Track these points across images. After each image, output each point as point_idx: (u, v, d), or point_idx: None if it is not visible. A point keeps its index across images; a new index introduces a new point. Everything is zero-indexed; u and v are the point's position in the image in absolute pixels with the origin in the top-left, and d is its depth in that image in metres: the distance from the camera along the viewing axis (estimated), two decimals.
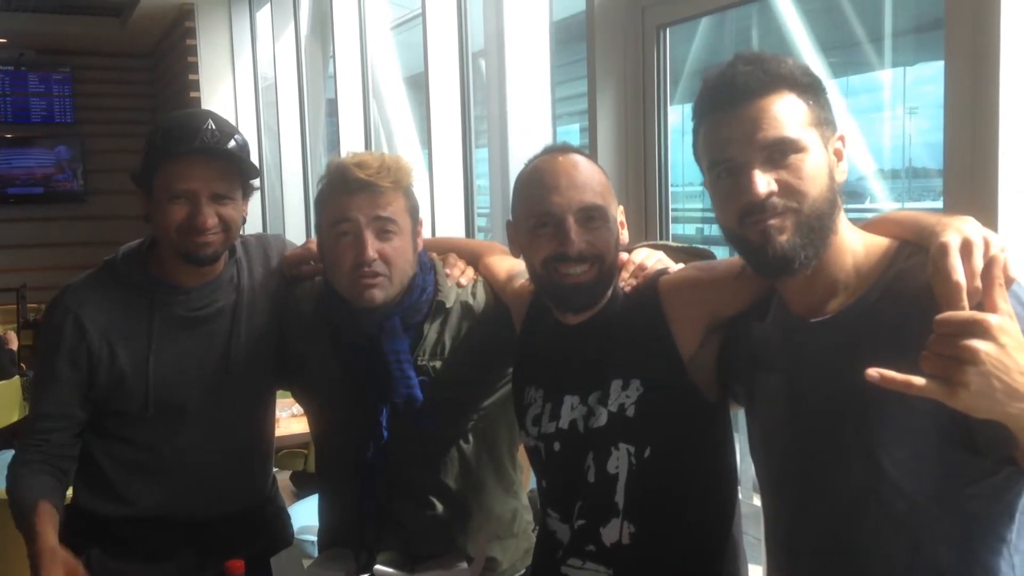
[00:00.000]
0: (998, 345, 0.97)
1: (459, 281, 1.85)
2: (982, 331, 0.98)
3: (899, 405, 1.16)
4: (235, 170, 1.83)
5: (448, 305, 1.81)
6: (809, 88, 1.28)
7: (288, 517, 2.17)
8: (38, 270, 7.12)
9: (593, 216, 1.54)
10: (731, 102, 1.26)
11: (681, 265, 1.62)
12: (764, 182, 1.24)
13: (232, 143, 1.81)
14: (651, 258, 1.63)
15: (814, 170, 1.25)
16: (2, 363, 5.32)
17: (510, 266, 1.85)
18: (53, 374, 1.81)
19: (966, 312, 1.02)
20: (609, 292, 1.59)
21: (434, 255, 1.89)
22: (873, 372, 1.01)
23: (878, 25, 3.25)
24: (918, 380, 1.00)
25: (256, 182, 1.92)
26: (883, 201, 3.80)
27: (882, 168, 3.85)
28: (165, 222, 1.79)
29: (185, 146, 1.77)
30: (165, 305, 1.87)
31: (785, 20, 3.25)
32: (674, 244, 1.74)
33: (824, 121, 1.28)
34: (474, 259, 1.93)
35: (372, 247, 1.68)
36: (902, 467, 1.22)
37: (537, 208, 1.55)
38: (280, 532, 2.11)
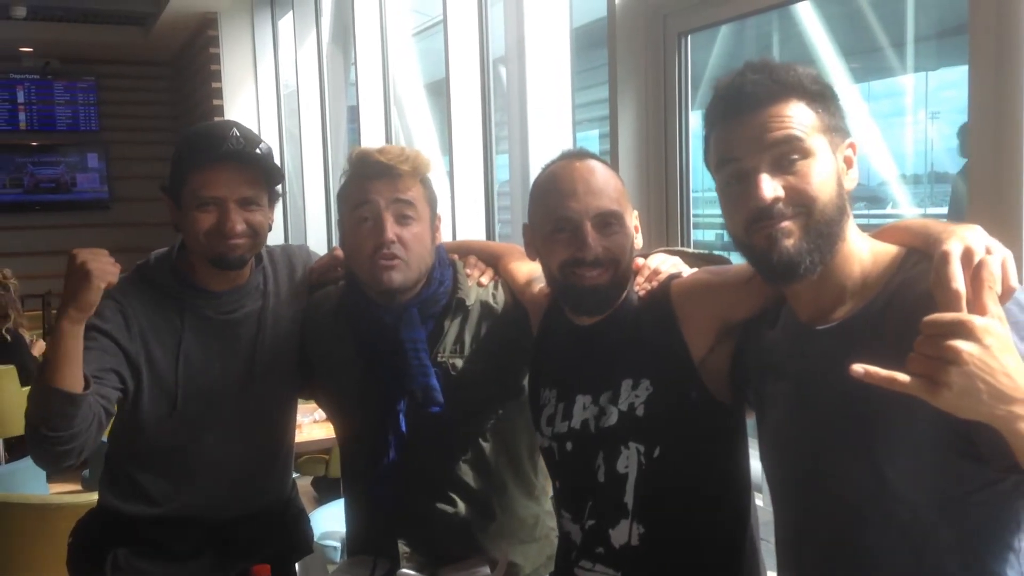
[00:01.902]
0: (982, 347, 0.98)
1: (480, 280, 1.87)
2: (966, 332, 0.98)
3: (902, 414, 1.16)
4: (261, 176, 1.85)
5: (468, 303, 1.83)
6: (819, 96, 1.28)
7: (308, 521, 2.19)
8: (63, 277, 7.19)
9: (610, 222, 1.56)
10: (739, 110, 1.28)
11: (696, 270, 1.64)
12: (771, 187, 1.25)
13: (257, 151, 1.84)
14: (666, 263, 1.65)
15: (822, 176, 1.26)
16: (28, 368, 5.37)
17: (530, 270, 1.86)
18: (95, 343, 1.78)
19: (952, 314, 1.02)
20: (623, 295, 1.61)
21: (455, 257, 1.91)
22: (858, 367, 1.01)
23: (900, 30, 3.24)
24: (902, 377, 1.00)
25: (280, 188, 1.94)
26: (905, 206, 3.79)
27: (904, 173, 3.83)
28: (194, 229, 1.82)
29: (211, 153, 1.80)
30: (194, 307, 1.90)
31: (806, 26, 3.24)
32: (691, 250, 1.75)
33: (834, 128, 1.29)
34: (494, 261, 1.94)
35: (391, 229, 1.72)
36: (905, 476, 1.22)
37: (555, 213, 1.57)
38: (302, 535, 2.13)
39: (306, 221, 6.05)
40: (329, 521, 3.12)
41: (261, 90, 6.67)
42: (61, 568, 2.03)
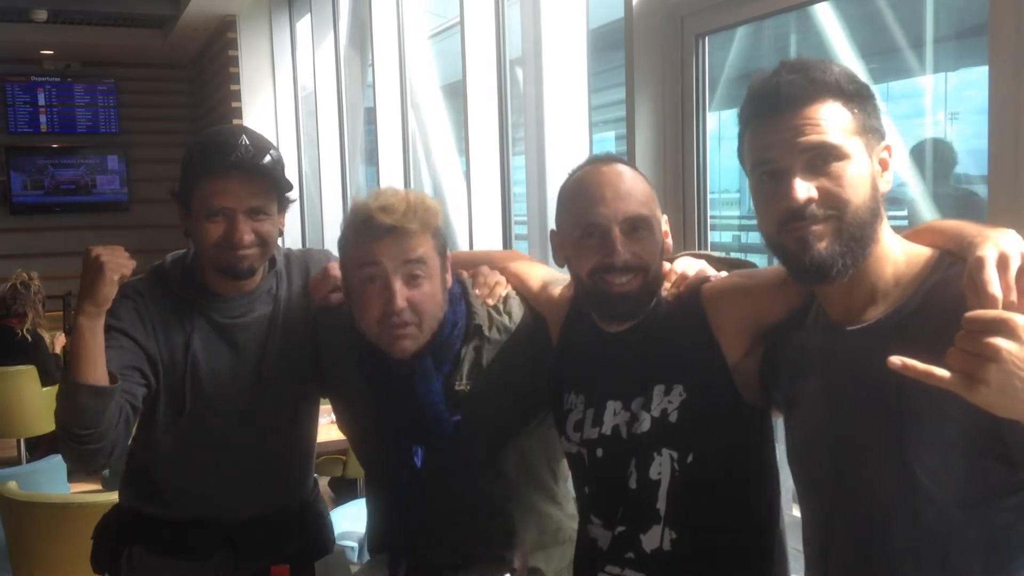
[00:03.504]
0: (1022, 345, 0.97)
1: (486, 300, 1.80)
2: (1008, 330, 0.98)
3: (933, 414, 1.17)
4: (270, 185, 1.83)
5: (484, 328, 1.77)
6: (855, 96, 1.27)
7: (329, 524, 2.19)
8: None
9: (638, 226, 1.54)
10: (774, 110, 1.27)
11: (724, 274, 1.62)
12: (804, 188, 1.24)
13: (267, 158, 1.82)
14: (693, 267, 1.64)
15: (856, 178, 1.25)
16: (48, 368, 5.42)
17: (542, 274, 1.85)
18: (115, 342, 1.79)
19: (994, 311, 1.02)
20: (653, 301, 1.59)
21: (464, 273, 1.85)
22: (895, 359, 1.02)
23: (919, 31, 3.22)
24: (940, 371, 1.00)
25: (293, 194, 1.92)
26: (925, 210, 3.75)
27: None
28: (203, 238, 1.82)
29: (220, 162, 1.79)
30: (204, 311, 1.91)
31: (824, 27, 3.22)
32: (716, 254, 1.73)
33: (869, 129, 1.28)
34: (500, 269, 1.89)
35: (401, 295, 1.63)
36: (935, 476, 1.21)
37: (583, 219, 1.55)
38: (320, 536, 2.12)
39: (323, 222, 6.07)
40: (347, 521, 3.14)
41: (279, 92, 6.70)
42: (81, 566, 2.05)
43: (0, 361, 5.31)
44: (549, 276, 1.84)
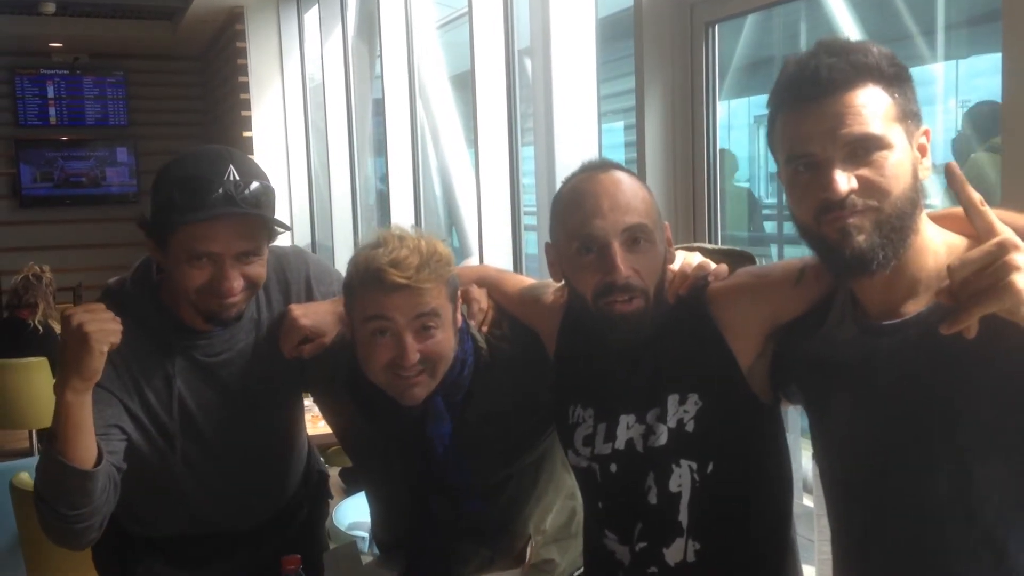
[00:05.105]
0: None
1: (482, 328, 1.75)
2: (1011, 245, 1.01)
3: (990, 412, 1.14)
4: (261, 223, 1.68)
5: (489, 358, 1.72)
6: (895, 79, 1.22)
7: (322, 522, 2.15)
8: (93, 269, 7.28)
9: (639, 237, 1.46)
10: (814, 96, 1.21)
11: (723, 267, 1.56)
12: (845, 180, 1.19)
13: (255, 184, 1.65)
14: (691, 263, 1.57)
15: (897, 167, 1.20)
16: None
17: (515, 282, 1.80)
18: (93, 396, 1.59)
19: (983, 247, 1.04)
20: (658, 316, 1.51)
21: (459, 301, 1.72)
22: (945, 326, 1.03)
23: (930, 18, 3.20)
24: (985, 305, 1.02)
25: (285, 222, 1.76)
26: (934, 196, 3.73)
27: (934, 162, 3.77)
28: (184, 283, 1.65)
29: (205, 202, 1.60)
30: (183, 349, 1.77)
31: (835, 14, 3.21)
32: (710, 246, 1.68)
33: (910, 114, 1.23)
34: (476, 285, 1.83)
35: (413, 350, 1.55)
36: (993, 475, 1.18)
37: (580, 232, 1.46)
38: (315, 533, 2.10)
39: (332, 214, 6.08)
40: (357, 512, 3.14)
41: (287, 84, 6.71)
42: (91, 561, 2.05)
43: (12, 353, 5.34)
44: (528, 283, 1.77)
